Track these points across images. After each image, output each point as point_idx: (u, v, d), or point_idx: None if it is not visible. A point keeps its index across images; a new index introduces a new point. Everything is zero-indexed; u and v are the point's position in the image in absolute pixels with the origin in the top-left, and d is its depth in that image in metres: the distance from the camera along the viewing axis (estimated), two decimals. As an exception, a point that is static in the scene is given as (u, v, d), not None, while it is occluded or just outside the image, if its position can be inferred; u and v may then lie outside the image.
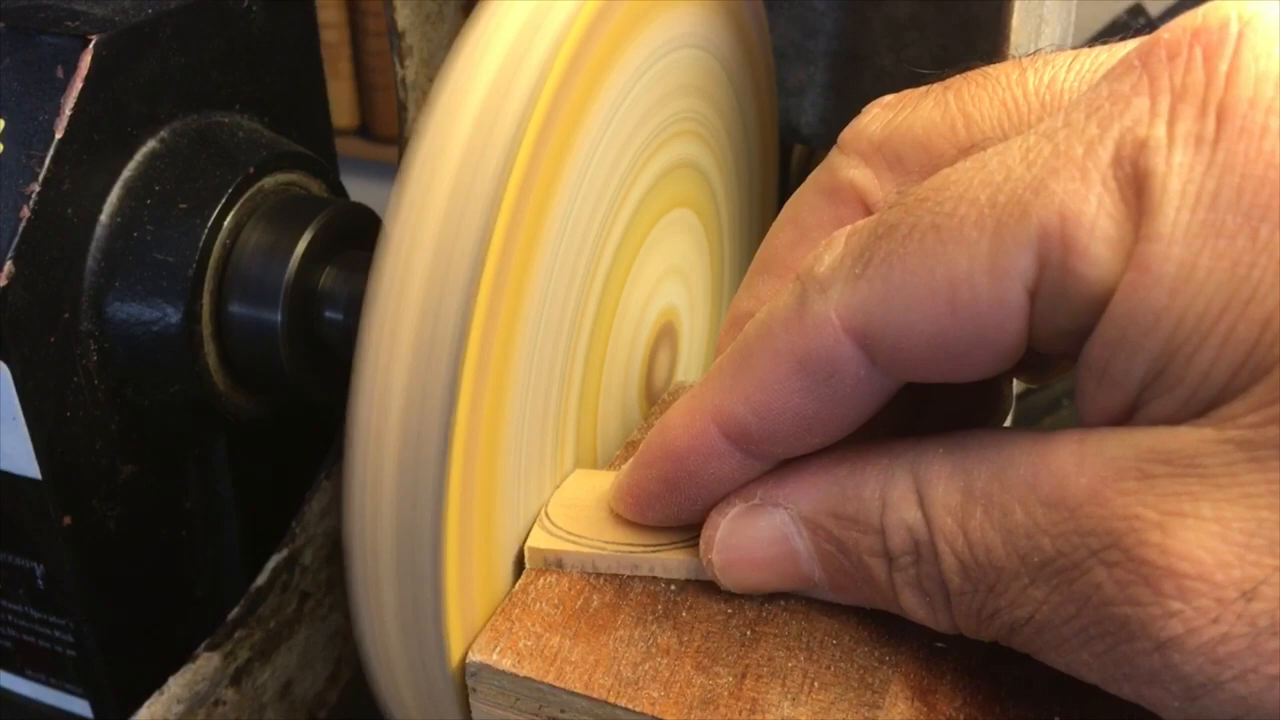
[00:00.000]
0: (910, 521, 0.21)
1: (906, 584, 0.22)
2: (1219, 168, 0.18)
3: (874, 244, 0.21)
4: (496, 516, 0.25)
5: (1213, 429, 0.18)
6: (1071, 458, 0.19)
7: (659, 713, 0.22)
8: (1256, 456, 0.18)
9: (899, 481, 0.22)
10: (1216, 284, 0.18)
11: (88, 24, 0.31)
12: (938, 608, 0.22)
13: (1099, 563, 0.19)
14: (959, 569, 0.21)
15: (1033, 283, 0.19)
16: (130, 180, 0.32)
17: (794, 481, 0.23)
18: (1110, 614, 0.19)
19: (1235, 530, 0.18)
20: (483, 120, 0.23)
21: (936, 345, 0.20)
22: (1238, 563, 0.18)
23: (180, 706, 0.34)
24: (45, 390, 0.31)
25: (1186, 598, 0.18)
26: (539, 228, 0.24)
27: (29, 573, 0.34)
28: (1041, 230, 0.19)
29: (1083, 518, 0.19)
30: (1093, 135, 0.19)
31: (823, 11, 0.42)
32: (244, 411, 0.36)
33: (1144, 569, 0.18)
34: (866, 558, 0.22)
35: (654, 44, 0.27)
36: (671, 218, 0.31)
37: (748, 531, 0.24)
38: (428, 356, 0.22)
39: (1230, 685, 0.18)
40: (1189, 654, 0.18)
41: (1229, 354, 0.18)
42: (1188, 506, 0.18)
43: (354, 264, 0.34)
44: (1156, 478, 0.18)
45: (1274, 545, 0.18)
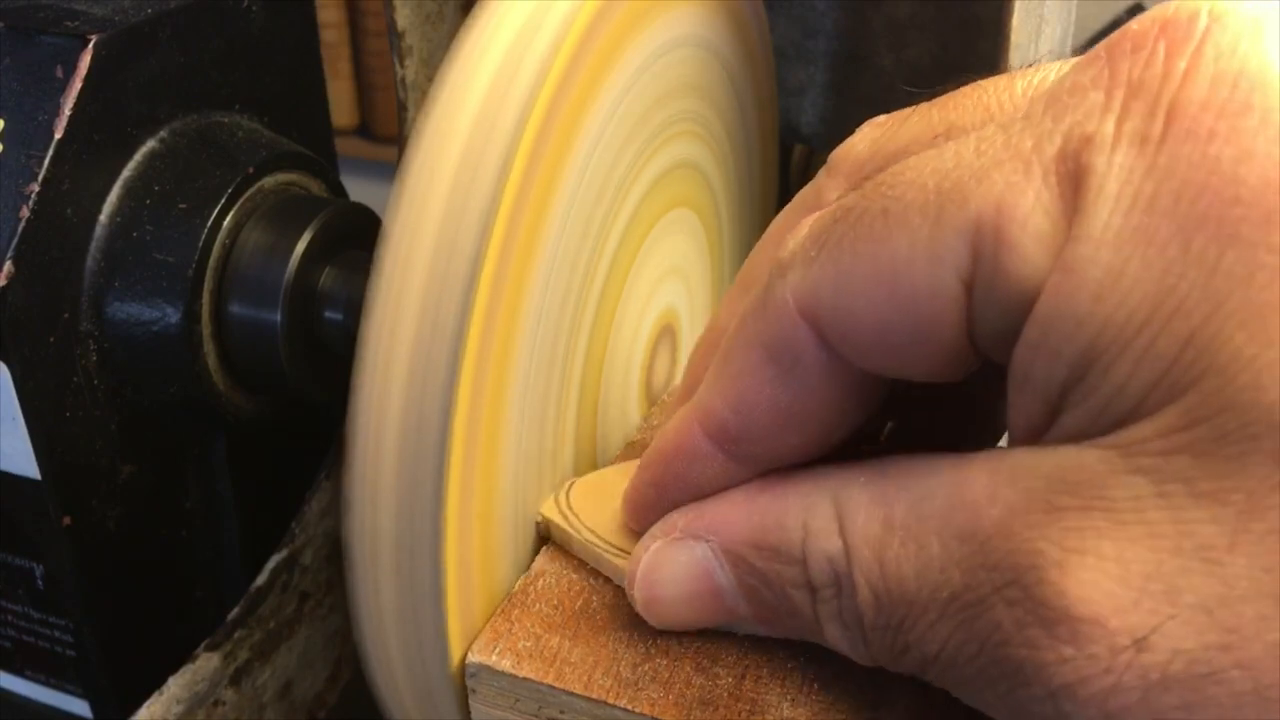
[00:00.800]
0: (831, 552, 0.21)
1: (829, 616, 0.21)
2: (1160, 171, 0.17)
3: (830, 228, 0.21)
4: (496, 517, 0.25)
5: (1121, 457, 0.17)
6: (985, 488, 0.19)
7: (659, 713, 0.22)
8: (1164, 492, 0.17)
9: (821, 510, 0.21)
10: (1142, 293, 0.17)
11: (87, 24, 0.31)
12: (857, 641, 0.21)
13: (1000, 600, 0.18)
14: (873, 602, 0.20)
15: (967, 274, 0.19)
16: (130, 180, 0.32)
17: (715, 513, 0.23)
18: (1007, 655, 0.18)
19: (1134, 573, 0.17)
20: (482, 120, 0.23)
21: (879, 332, 0.20)
22: (1133, 608, 0.17)
23: (180, 706, 0.34)
24: (45, 390, 0.31)
25: (1079, 644, 0.17)
26: (538, 228, 0.24)
27: (29, 573, 0.34)
28: (977, 219, 0.18)
29: (989, 551, 0.18)
30: (1045, 128, 0.18)
31: (823, 11, 0.42)
32: (244, 411, 0.36)
33: (1040, 610, 0.17)
34: (790, 590, 0.22)
35: (654, 44, 0.27)
36: (671, 218, 0.31)
37: (669, 566, 0.23)
38: (427, 356, 0.22)
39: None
40: (1080, 704, 0.17)
41: (1147, 368, 0.17)
42: (1090, 543, 0.17)
43: (354, 264, 0.34)
44: (1063, 510, 0.18)
45: (1171, 592, 0.17)
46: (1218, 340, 0.16)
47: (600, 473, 0.28)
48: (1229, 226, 0.16)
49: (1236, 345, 0.16)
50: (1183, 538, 0.17)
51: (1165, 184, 0.17)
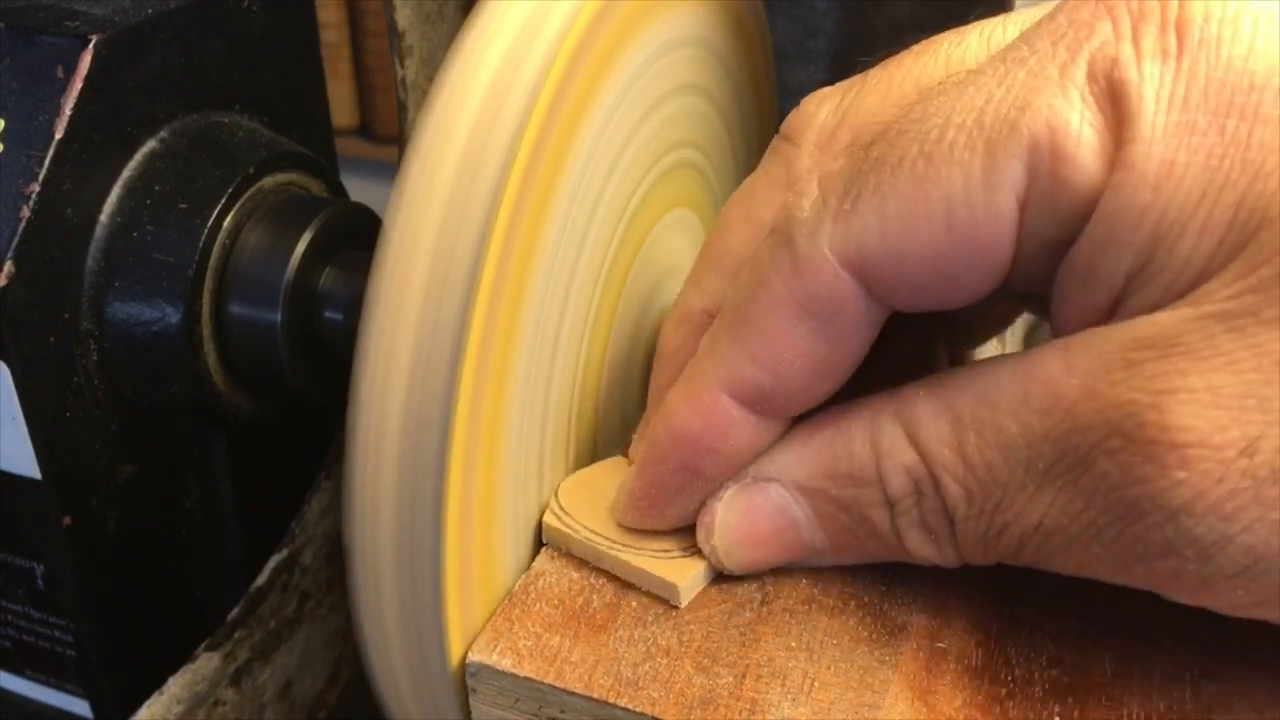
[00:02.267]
0: (906, 463, 0.22)
1: (911, 525, 0.23)
2: (1186, 74, 0.20)
3: (860, 180, 0.22)
4: (496, 517, 0.25)
5: (1190, 308, 0.19)
6: (1059, 364, 0.20)
7: (659, 713, 0.22)
8: (1235, 326, 0.19)
9: (887, 430, 0.23)
10: (1194, 176, 0.19)
11: (88, 24, 0.31)
12: (943, 542, 0.23)
13: (1102, 453, 0.20)
14: (963, 495, 0.22)
15: (1023, 193, 0.21)
16: (130, 180, 0.32)
17: (781, 453, 0.24)
18: (1119, 498, 0.20)
19: (1226, 396, 0.19)
20: (482, 120, 0.23)
21: (934, 267, 0.21)
22: (1233, 424, 0.19)
23: (180, 706, 0.34)
24: (45, 390, 0.31)
25: (1190, 465, 0.19)
26: (538, 227, 0.24)
27: (29, 573, 0.34)
28: (1032, 142, 0.20)
29: (1079, 415, 0.20)
30: (1064, 58, 0.21)
31: (823, 11, 0.42)
32: (244, 411, 0.35)
33: (1147, 448, 0.19)
34: (868, 510, 0.23)
35: (654, 43, 0.27)
36: (671, 218, 0.31)
37: (745, 510, 0.24)
38: (427, 356, 0.22)
39: (1240, 537, 0.19)
40: (1200, 516, 0.19)
41: (1207, 238, 0.19)
42: (1178, 382, 0.19)
43: (354, 264, 0.34)
44: (1143, 362, 0.20)
45: (1264, 403, 0.19)
46: (1263, 199, 0.19)
47: (585, 471, 0.28)
48: (1251, 108, 0.19)
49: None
50: (1261, 358, 0.19)
51: (1193, 85, 0.20)
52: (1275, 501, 0.19)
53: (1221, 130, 0.19)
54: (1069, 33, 0.21)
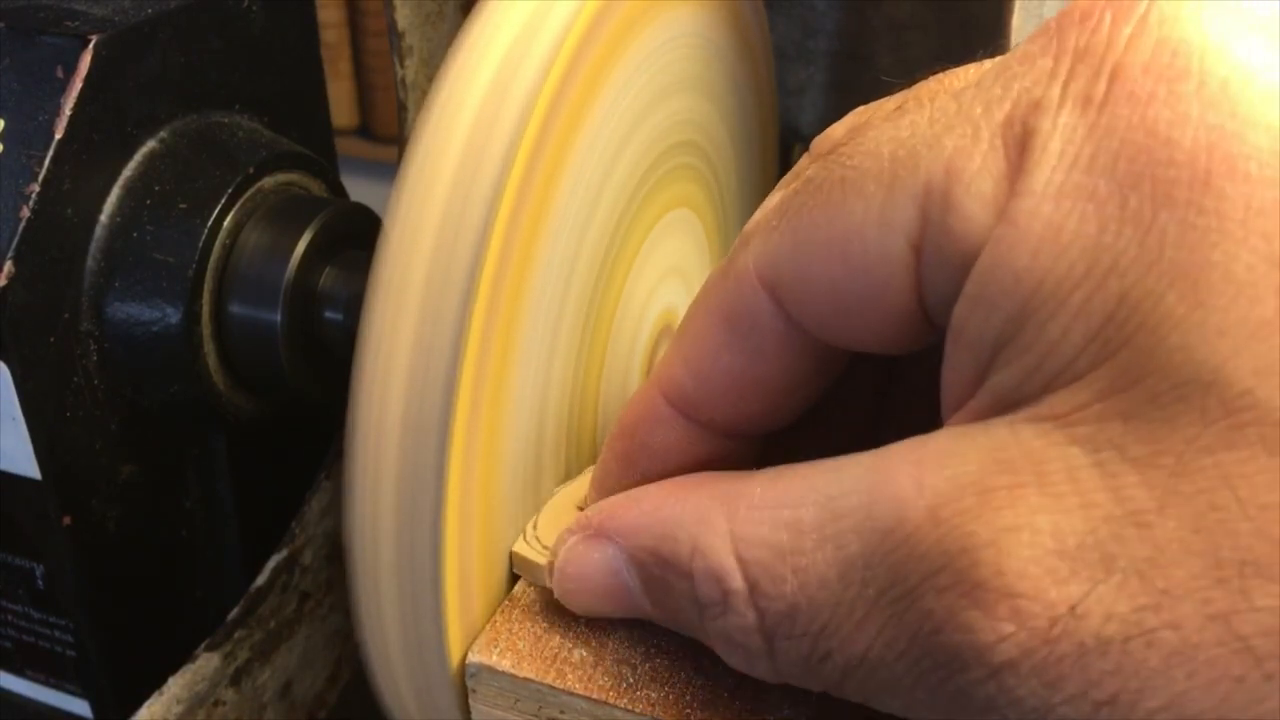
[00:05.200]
0: (717, 569, 0.20)
1: (717, 634, 0.21)
2: (1100, 131, 0.17)
3: (792, 198, 0.21)
4: (496, 517, 0.25)
5: (1055, 427, 0.17)
6: (909, 479, 0.18)
7: (659, 713, 0.22)
8: (1098, 460, 0.17)
9: (713, 525, 0.21)
10: (1080, 249, 0.17)
11: (88, 24, 0.31)
12: (755, 657, 0.21)
13: (930, 589, 0.18)
14: (787, 613, 0.20)
15: (916, 238, 0.19)
16: (130, 180, 0.32)
17: (627, 514, 0.23)
18: (941, 643, 0.18)
19: (1070, 543, 0.17)
20: (482, 120, 0.23)
21: (832, 297, 0.20)
22: (1070, 577, 0.17)
23: (180, 706, 0.34)
24: (45, 390, 0.31)
25: (1020, 618, 0.17)
26: (538, 227, 0.24)
27: (29, 573, 0.34)
28: (927, 184, 0.19)
29: (917, 542, 0.18)
30: (995, 95, 0.19)
31: (823, 11, 0.42)
32: (244, 411, 0.36)
33: (976, 592, 0.17)
34: (681, 602, 0.22)
35: (654, 43, 0.27)
36: (671, 218, 0.31)
37: (583, 562, 0.24)
38: (427, 356, 0.22)
39: (1059, 710, 0.17)
40: (1023, 678, 0.17)
41: (1082, 324, 0.17)
42: (1024, 519, 0.17)
43: (354, 264, 0.34)
44: (995, 490, 0.17)
45: (1105, 558, 0.17)
46: (1150, 299, 0.16)
47: (558, 496, 0.28)
48: (1163, 187, 0.17)
49: (1168, 305, 0.16)
50: (1115, 504, 0.17)
51: (1105, 143, 0.17)
52: (1098, 679, 0.16)
53: (1123, 204, 0.17)
54: (1013, 66, 0.19)
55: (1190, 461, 0.16)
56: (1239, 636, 0.16)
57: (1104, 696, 0.16)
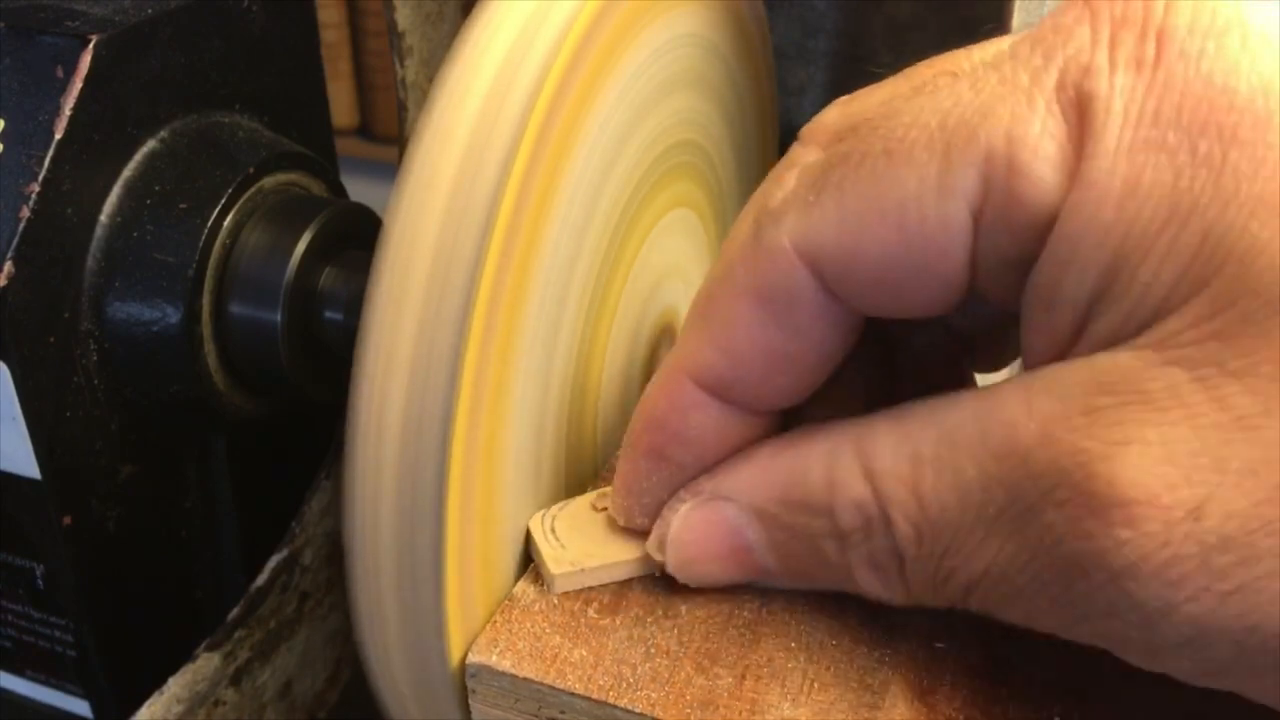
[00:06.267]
0: (858, 497, 0.22)
1: (860, 561, 0.22)
2: (1160, 87, 0.18)
3: (827, 172, 0.21)
4: (496, 517, 0.25)
5: (1154, 351, 0.18)
6: (1020, 405, 0.19)
7: (659, 713, 0.22)
8: (1199, 376, 0.18)
9: (843, 460, 0.22)
10: (1160, 197, 0.18)
11: (88, 24, 0.31)
12: (892, 580, 0.22)
13: (1049, 503, 0.19)
14: (914, 535, 0.21)
15: (977, 204, 0.20)
16: (130, 180, 0.32)
17: (741, 473, 0.24)
18: (1063, 552, 0.19)
19: (1180, 451, 0.18)
20: (483, 120, 0.23)
21: (884, 268, 0.21)
22: (1184, 483, 0.18)
23: (180, 706, 0.34)
24: (45, 390, 0.31)
25: (1136, 524, 0.18)
26: (538, 227, 0.24)
27: (29, 573, 0.34)
28: (988, 151, 0.19)
29: (1033, 461, 0.19)
30: (1038, 65, 0.20)
31: (823, 11, 0.42)
32: (244, 411, 0.35)
33: (1092, 502, 0.18)
34: (819, 540, 0.23)
35: (654, 43, 0.27)
36: (671, 218, 0.31)
37: (699, 527, 0.24)
38: (428, 356, 0.22)
39: (1184, 607, 0.18)
40: (1143, 581, 0.18)
41: (1171, 264, 0.18)
42: (1133, 433, 0.18)
43: (354, 264, 0.34)
44: (1102, 409, 0.18)
45: (1219, 462, 0.18)
46: (1233, 231, 0.18)
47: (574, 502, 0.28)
48: (1229, 130, 0.18)
49: (1251, 233, 0.18)
50: (1221, 413, 0.18)
51: (1166, 99, 0.18)
52: (1222, 572, 0.17)
53: (1193, 151, 0.18)
54: (1049, 37, 0.20)
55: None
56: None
57: (1230, 587, 0.17)
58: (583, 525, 0.26)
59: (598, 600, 0.25)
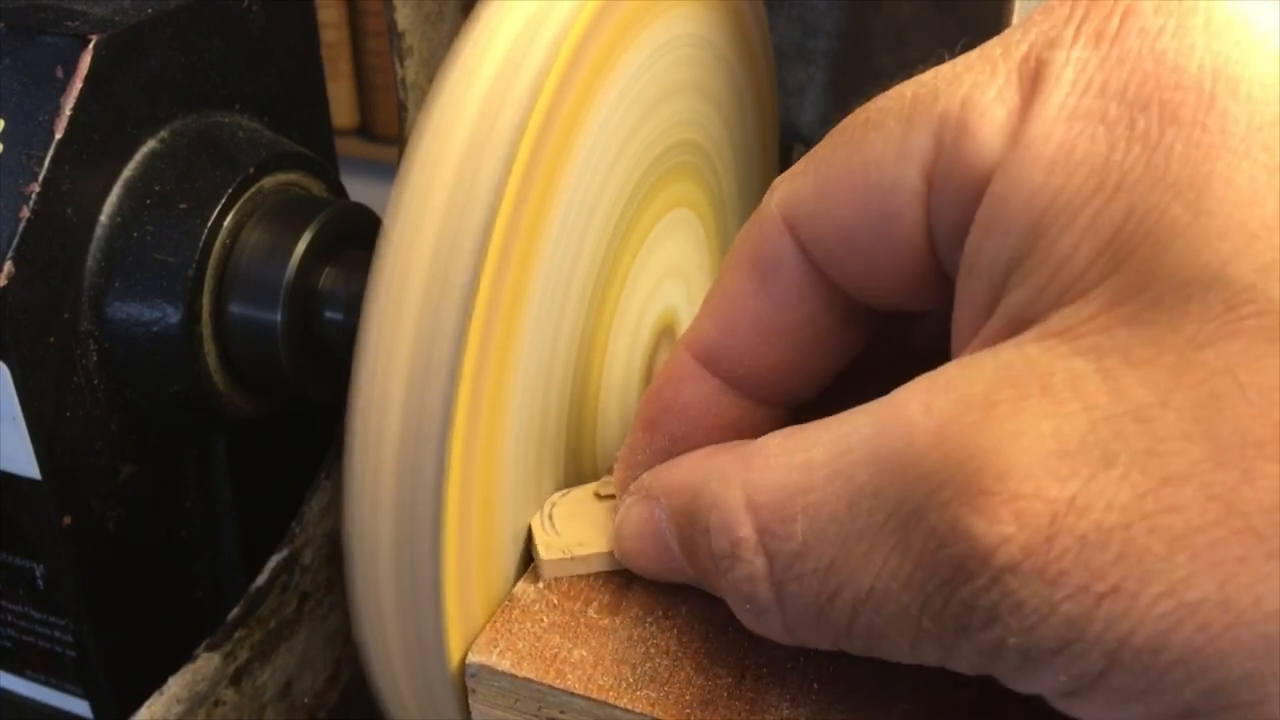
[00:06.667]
0: (729, 519, 0.21)
1: (729, 588, 0.21)
2: (1112, 61, 0.18)
3: (819, 147, 0.22)
4: (496, 517, 0.25)
5: (1061, 341, 0.18)
6: (919, 405, 0.19)
7: (659, 713, 0.22)
8: (1103, 367, 0.17)
9: (729, 476, 0.21)
10: (1090, 167, 0.18)
11: (88, 24, 0.31)
12: (765, 610, 0.21)
13: (935, 504, 0.18)
14: (798, 552, 0.20)
15: (929, 165, 0.20)
16: (130, 180, 0.32)
17: (667, 475, 0.24)
18: (944, 556, 0.18)
19: (1070, 443, 0.17)
20: (482, 120, 0.23)
21: (846, 231, 0.21)
22: (1070, 474, 0.17)
23: (180, 706, 0.34)
24: (45, 390, 0.31)
25: (1022, 519, 0.17)
26: (538, 227, 0.24)
27: (29, 573, 0.34)
28: (943, 113, 0.20)
29: (923, 460, 0.18)
30: (1014, 39, 0.20)
31: (823, 11, 0.42)
32: (244, 411, 0.35)
33: (979, 499, 0.17)
34: (703, 560, 0.22)
35: (654, 43, 0.27)
36: (671, 218, 0.31)
37: (634, 521, 0.24)
38: (427, 356, 0.22)
39: (1062, 607, 0.17)
40: (1024, 577, 0.17)
41: (1091, 238, 0.18)
42: (1026, 425, 0.17)
43: (354, 264, 0.34)
44: (999, 403, 0.18)
45: (1108, 455, 0.17)
46: (1156, 211, 0.17)
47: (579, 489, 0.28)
48: (1170, 108, 0.18)
49: (1173, 215, 0.17)
50: (1117, 404, 0.17)
51: (1116, 72, 0.18)
52: (1100, 570, 0.16)
53: (1132, 124, 0.18)
54: (1034, 15, 0.20)
55: (1192, 356, 0.17)
56: (1241, 515, 0.16)
57: (1106, 587, 0.17)
58: (581, 513, 0.26)
59: (598, 600, 0.25)
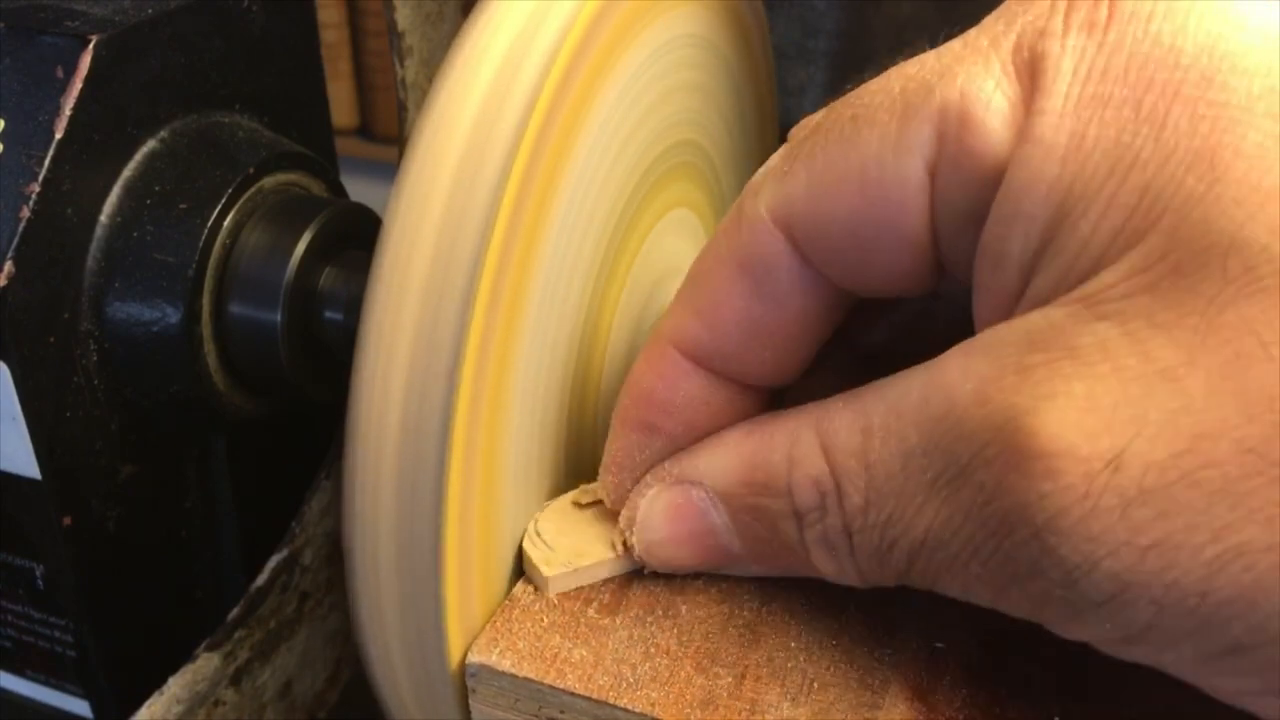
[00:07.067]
0: (815, 474, 0.22)
1: (815, 540, 0.22)
2: (1109, 47, 0.19)
3: (801, 144, 0.22)
4: (496, 517, 0.25)
5: (1085, 307, 0.18)
6: (957, 370, 0.20)
7: (659, 713, 0.22)
8: (1128, 330, 0.18)
9: (804, 439, 0.22)
10: (1103, 151, 0.18)
11: (88, 24, 0.31)
12: (843, 558, 0.22)
13: (979, 463, 0.19)
14: (862, 506, 0.21)
15: (932, 159, 0.20)
16: (130, 180, 0.32)
17: (709, 455, 0.24)
18: (991, 511, 0.19)
19: (1102, 403, 0.18)
20: (482, 120, 0.23)
21: (850, 229, 0.21)
22: (1104, 433, 0.18)
23: (180, 706, 0.34)
24: (45, 390, 0.31)
25: (1056, 477, 0.18)
26: (538, 228, 0.24)
27: (29, 573, 0.34)
28: (942, 107, 0.20)
29: (967, 422, 0.19)
30: (999, 30, 0.20)
31: (823, 11, 0.42)
32: (244, 411, 0.35)
33: (1017, 457, 0.18)
34: (779, 522, 0.23)
35: (654, 43, 0.27)
36: (671, 218, 0.31)
37: (666, 510, 0.24)
38: (427, 356, 0.22)
39: (1105, 563, 0.18)
40: (1065, 535, 0.18)
41: (1110, 218, 0.18)
42: (1060, 387, 0.18)
43: (354, 264, 0.34)
44: (1033, 366, 0.19)
45: (1139, 414, 0.17)
46: (1171, 185, 0.18)
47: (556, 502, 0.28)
48: (1172, 87, 0.18)
49: (1188, 187, 0.18)
50: (1146, 365, 0.18)
51: (1115, 57, 0.19)
52: (1141, 525, 0.17)
53: (1137, 106, 0.18)
54: (1013, 6, 0.20)
55: (1214, 317, 0.17)
56: (1275, 464, 0.17)
57: (1149, 542, 0.17)
58: (568, 525, 0.26)
59: (598, 600, 0.25)
